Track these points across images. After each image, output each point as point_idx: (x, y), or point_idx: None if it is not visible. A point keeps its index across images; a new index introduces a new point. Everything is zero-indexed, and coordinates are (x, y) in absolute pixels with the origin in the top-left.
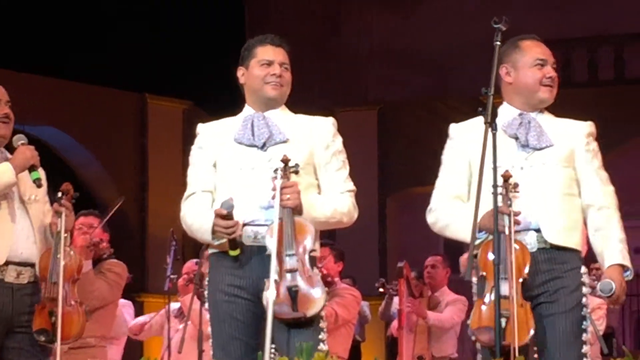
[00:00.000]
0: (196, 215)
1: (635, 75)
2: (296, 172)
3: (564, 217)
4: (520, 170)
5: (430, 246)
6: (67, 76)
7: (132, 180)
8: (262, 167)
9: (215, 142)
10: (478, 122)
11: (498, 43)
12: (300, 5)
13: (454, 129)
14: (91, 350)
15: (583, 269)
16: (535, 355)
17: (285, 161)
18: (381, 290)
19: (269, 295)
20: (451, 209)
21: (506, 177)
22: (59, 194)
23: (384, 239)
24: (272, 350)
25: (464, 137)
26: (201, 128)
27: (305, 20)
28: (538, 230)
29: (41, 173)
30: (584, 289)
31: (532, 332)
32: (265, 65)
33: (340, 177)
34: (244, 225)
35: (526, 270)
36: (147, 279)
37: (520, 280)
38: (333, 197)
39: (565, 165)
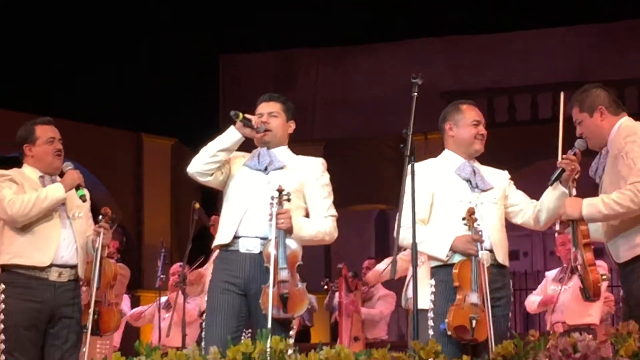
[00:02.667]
0: None
1: (524, 119)
2: (288, 200)
3: (504, 243)
4: (474, 206)
5: (363, 251)
6: (81, 119)
7: (131, 202)
8: (262, 187)
9: (233, 162)
10: (432, 163)
11: (415, 94)
12: (264, 64)
13: (417, 167)
14: None
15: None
16: None
17: (280, 191)
18: (325, 287)
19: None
20: (423, 231)
21: (471, 212)
22: (100, 217)
23: (327, 247)
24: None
25: (426, 175)
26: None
27: (267, 76)
28: (490, 251)
29: (85, 192)
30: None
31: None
32: (258, 116)
33: (326, 204)
34: (240, 237)
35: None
36: (143, 278)
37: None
38: (318, 220)
39: (501, 203)
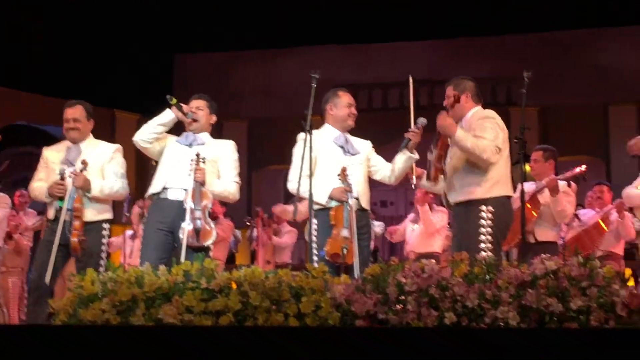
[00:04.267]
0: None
1: (395, 105)
2: (204, 162)
3: (367, 193)
4: (346, 166)
5: (275, 199)
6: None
7: None
8: (187, 155)
9: (167, 140)
10: (315, 133)
11: (314, 85)
12: (207, 62)
13: (304, 136)
14: None
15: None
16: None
17: (198, 155)
18: (247, 224)
19: (185, 228)
20: (307, 182)
21: (344, 170)
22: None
23: (250, 195)
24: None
25: (312, 142)
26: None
27: (209, 71)
28: (357, 199)
29: (63, 202)
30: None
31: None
32: (189, 108)
33: (233, 173)
34: (168, 188)
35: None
36: (114, 215)
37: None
38: (227, 183)
39: (366, 164)
